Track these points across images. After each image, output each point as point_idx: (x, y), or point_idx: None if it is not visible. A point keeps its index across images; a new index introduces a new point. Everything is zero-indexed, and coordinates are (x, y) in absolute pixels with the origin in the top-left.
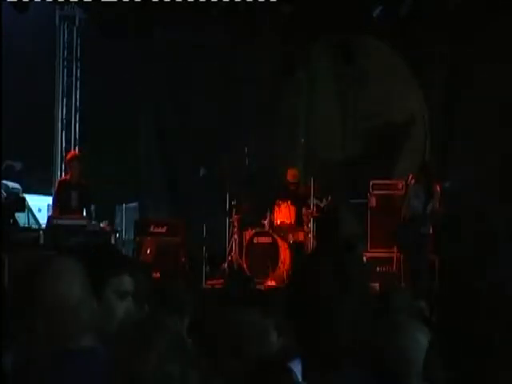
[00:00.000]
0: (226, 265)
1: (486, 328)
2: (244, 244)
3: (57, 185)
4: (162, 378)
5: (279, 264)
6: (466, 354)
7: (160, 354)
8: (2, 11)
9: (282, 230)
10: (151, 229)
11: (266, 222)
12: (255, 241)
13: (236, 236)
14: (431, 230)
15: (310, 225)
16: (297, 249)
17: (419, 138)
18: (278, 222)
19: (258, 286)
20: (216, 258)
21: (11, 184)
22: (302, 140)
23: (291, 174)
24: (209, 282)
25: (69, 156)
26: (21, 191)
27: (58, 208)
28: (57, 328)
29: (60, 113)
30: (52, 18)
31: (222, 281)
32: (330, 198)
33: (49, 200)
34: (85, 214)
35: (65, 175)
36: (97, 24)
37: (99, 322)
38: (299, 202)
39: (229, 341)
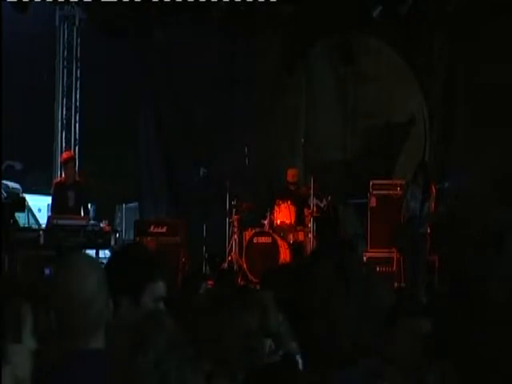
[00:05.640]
0: (225, 265)
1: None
2: (244, 244)
3: (53, 187)
4: (158, 376)
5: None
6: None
7: (158, 353)
8: (2, 11)
9: (282, 230)
10: (151, 229)
11: (266, 222)
12: (255, 241)
13: (236, 236)
14: (429, 230)
15: (310, 225)
16: (297, 249)
17: (419, 138)
18: (278, 222)
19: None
20: (216, 257)
21: (11, 184)
22: (302, 140)
23: (291, 174)
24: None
25: (63, 157)
26: (21, 191)
27: (55, 209)
28: (66, 327)
29: (60, 113)
30: (52, 18)
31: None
32: (329, 198)
33: (49, 200)
34: (82, 213)
35: (60, 176)
36: (97, 24)
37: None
38: (299, 202)
39: (229, 341)
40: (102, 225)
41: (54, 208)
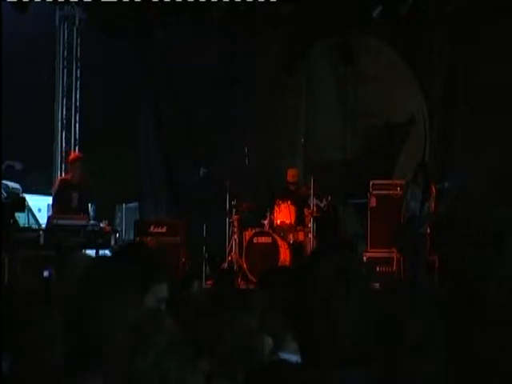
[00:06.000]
0: (225, 265)
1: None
2: (244, 244)
3: (57, 184)
4: (158, 376)
5: (279, 264)
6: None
7: (158, 353)
8: (2, 11)
9: (282, 230)
10: (151, 229)
11: (266, 222)
12: (255, 241)
13: (236, 236)
14: (429, 230)
15: (310, 225)
16: (297, 249)
17: (419, 138)
18: (278, 222)
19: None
20: (216, 257)
21: (11, 184)
22: (302, 140)
23: (291, 174)
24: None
25: (72, 157)
26: (21, 191)
27: (57, 208)
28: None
29: (60, 113)
30: (52, 18)
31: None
32: (329, 198)
33: (49, 200)
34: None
35: (65, 175)
36: (97, 24)
37: None
38: (299, 202)
39: (229, 340)
40: (102, 225)
41: (57, 208)
